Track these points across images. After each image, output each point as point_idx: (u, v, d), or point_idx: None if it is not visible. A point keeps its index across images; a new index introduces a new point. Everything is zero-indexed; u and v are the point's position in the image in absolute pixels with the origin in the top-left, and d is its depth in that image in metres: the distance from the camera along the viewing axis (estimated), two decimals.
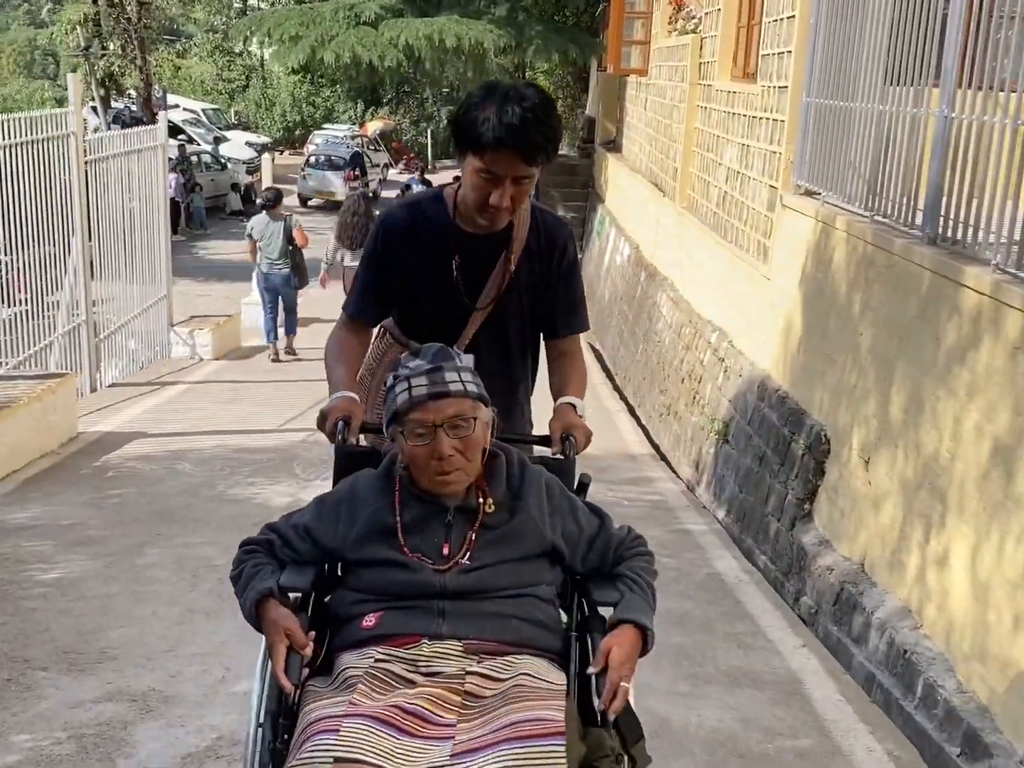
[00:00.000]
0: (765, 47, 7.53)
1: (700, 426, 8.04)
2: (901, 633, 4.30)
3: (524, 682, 1.98)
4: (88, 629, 3.93)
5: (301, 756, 1.81)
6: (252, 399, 8.81)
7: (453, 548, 2.15)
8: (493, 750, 1.80)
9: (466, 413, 2.13)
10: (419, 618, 2.09)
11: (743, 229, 7.88)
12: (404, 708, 1.91)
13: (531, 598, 2.18)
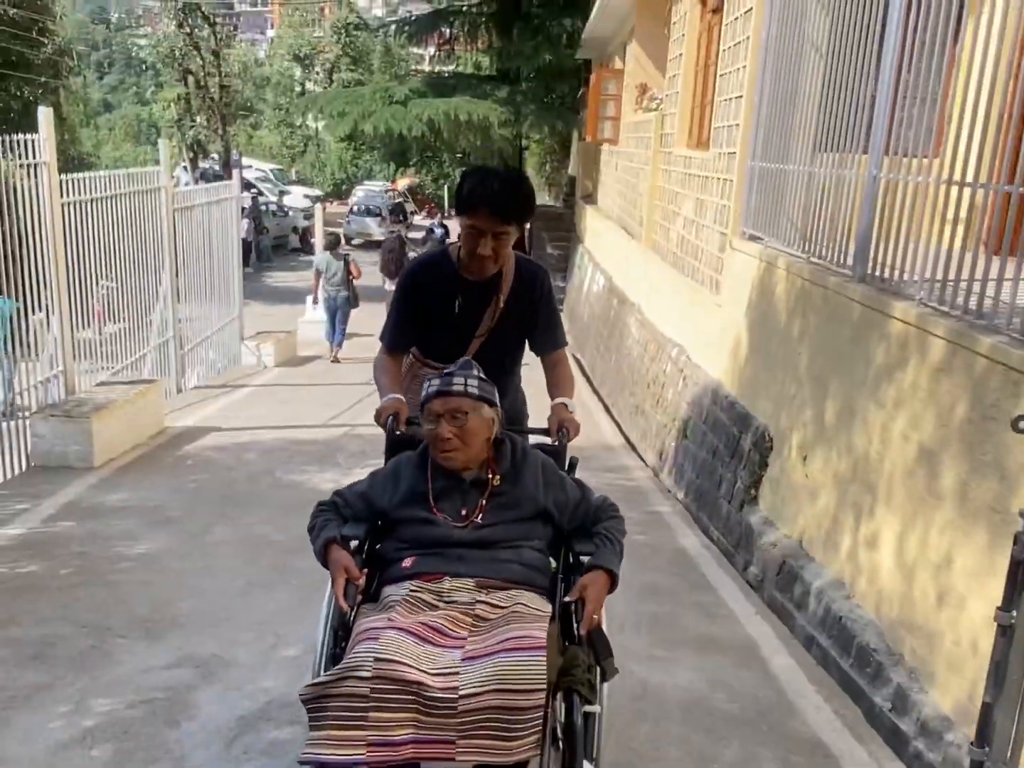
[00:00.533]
0: (717, 121, 7.22)
1: (663, 424, 7.74)
2: (836, 602, 4.01)
3: (519, 610, 2.12)
4: (163, 600, 3.64)
5: (350, 657, 1.95)
6: (305, 399, 8.50)
7: (469, 511, 2.31)
8: (491, 658, 1.94)
9: (463, 408, 2.28)
10: (443, 561, 2.24)
11: (698, 266, 7.57)
12: (429, 625, 2.05)
13: (527, 548, 2.31)
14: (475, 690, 1.88)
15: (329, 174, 41.64)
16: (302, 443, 6.57)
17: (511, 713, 1.87)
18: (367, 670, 1.88)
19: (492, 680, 1.89)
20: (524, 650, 1.93)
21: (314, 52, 40.58)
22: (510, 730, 1.87)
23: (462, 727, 1.87)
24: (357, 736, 1.85)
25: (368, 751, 1.85)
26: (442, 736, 1.88)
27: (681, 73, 9.00)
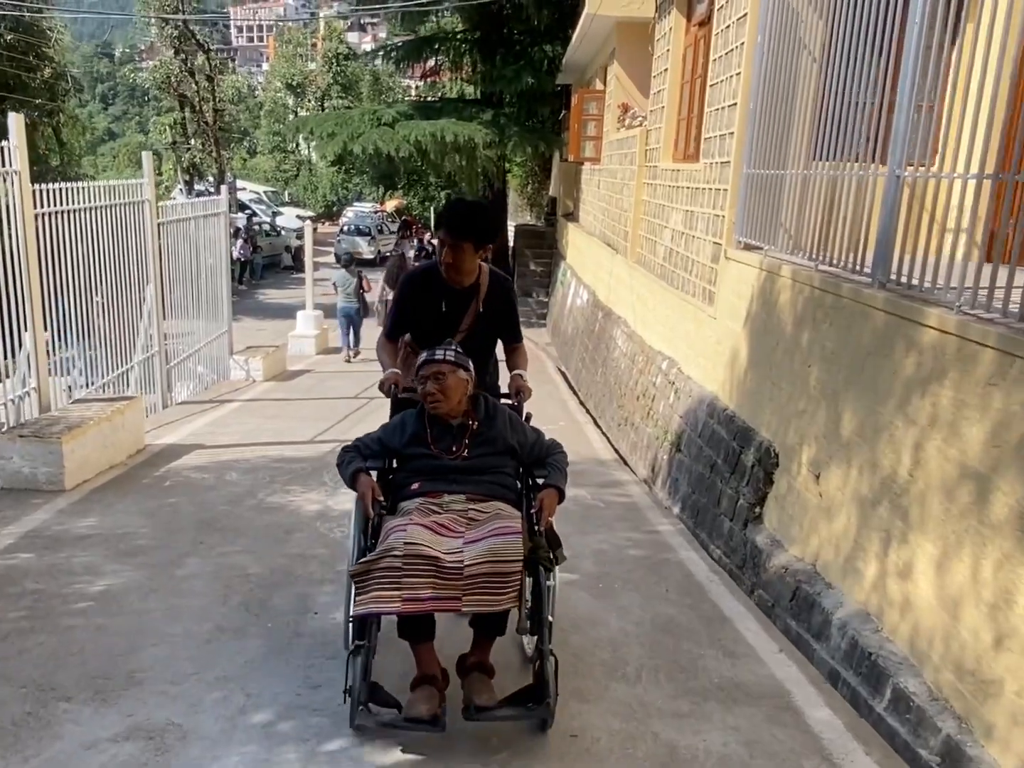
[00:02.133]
0: (708, 131, 6.70)
1: (655, 436, 7.17)
2: (864, 636, 3.44)
3: (499, 512, 2.73)
4: (119, 650, 3.01)
5: (386, 542, 2.55)
6: (292, 414, 7.85)
7: (458, 447, 2.89)
8: (485, 540, 2.56)
9: (442, 371, 2.88)
10: (441, 483, 2.83)
11: (689, 278, 7.04)
12: (438, 522, 2.65)
13: (501, 474, 2.93)
14: (474, 562, 2.48)
15: (320, 196, 40.99)
16: (288, 461, 5.94)
17: (499, 577, 2.47)
18: (399, 550, 2.47)
19: (486, 554, 2.50)
20: (507, 535, 2.56)
21: (306, 81, 39.96)
22: (498, 589, 2.46)
23: (466, 587, 2.46)
24: (394, 594, 2.44)
25: (403, 604, 2.44)
26: (452, 594, 2.46)
27: (667, 88, 8.48)
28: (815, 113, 4.75)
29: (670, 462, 6.56)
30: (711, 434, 5.77)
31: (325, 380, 9.99)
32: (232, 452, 6.12)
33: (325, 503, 4.93)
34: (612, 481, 6.07)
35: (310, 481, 5.43)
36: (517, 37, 17.88)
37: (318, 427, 7.19)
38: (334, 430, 7.12)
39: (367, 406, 8.46)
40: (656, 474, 6.85)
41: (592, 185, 14.52)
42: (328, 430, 7.08)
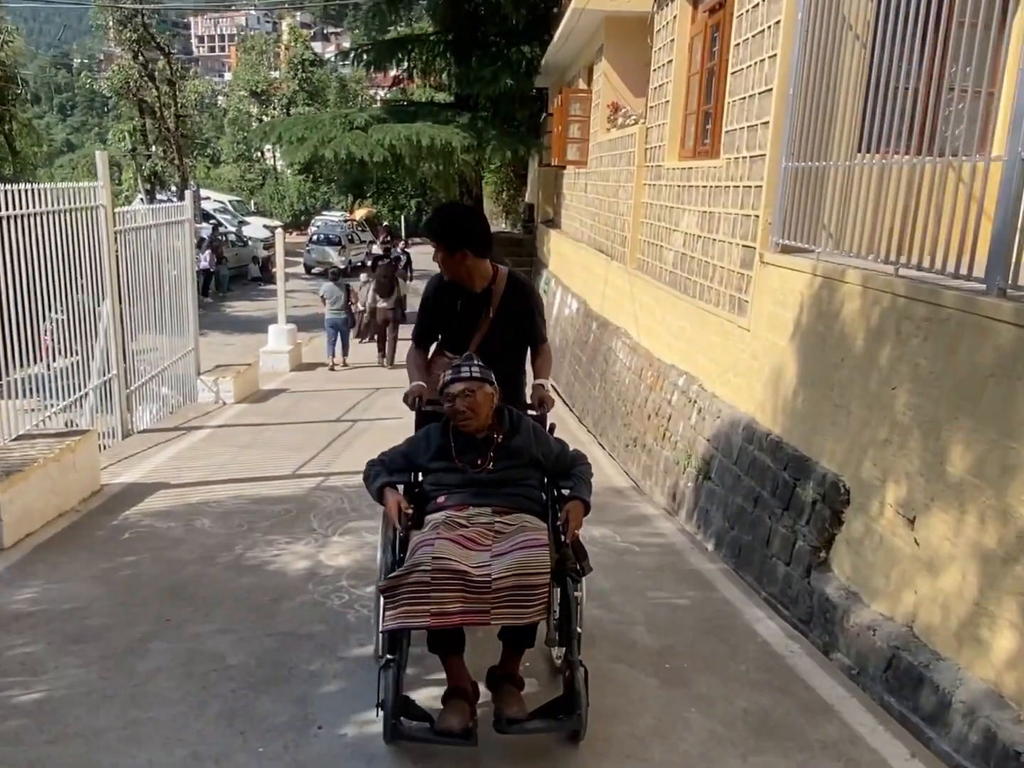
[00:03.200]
0: (730, 123, 6.04)
1: (674, 461, 6.48)
2: (1004, 728, 2.76)
3: (524, 524, 2.75)
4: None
5: (414, 556, 2.58)
6: (269, 443, 7.03)
7: (482, 460, 2.90)
8: (512, 553, 2.58)
9: (471, 388, 2.90)
10: (467, 497, 2.86)
11: (709, 286, 6.36)
12: (465, 536, 2.67)
13: (526, 486, 2.95)
14: (502, 575, 2.52)
15: (288, 205, 39.89)
16: (267, 502, 5.14)
17: (527, 590, 2.50)
18: (427, 565, 2.51)
19: (514, 567, 2.53)
20: (534, 547, 2.60)
21: (271, 88, 38.90)
22: (527, 602, 2.51)
23: (494, 601, 2.50)
24: (423, 609, 2.48)
25: (431, 618, 2.49)
26: (480, 608, 2.50)
27: (671, 80, 7.83)
28: (883, 96, 4.09)
29: (697, 491, 5.87)
30: (752, 462, 5.08)
31: (302, 400, 9.17)
32: (202, 492, 5.31)
33: (316, 557, 4.15)
34: (637, 516, 5.36)
35: (296, 528, 4.64)
36: (493, 39, 17.19)
37: (299, 457, 6.39)
38: (317, 460, 6.33)
39: (350, 430, 7.67)
40: (679, 503, 6.15)
41: (577, 189, 13.86)
42: (310, 461, 6.28)
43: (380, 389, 10.13)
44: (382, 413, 8.58)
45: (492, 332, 3.31)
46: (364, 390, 10.00)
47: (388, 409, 8.80)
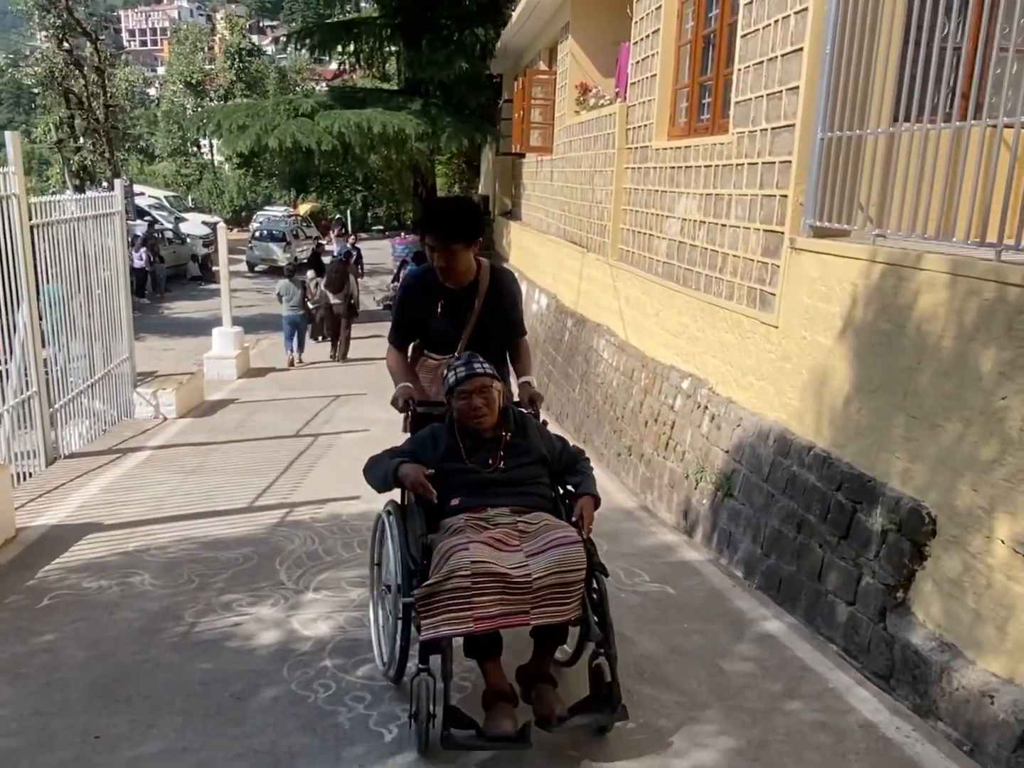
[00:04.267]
0: (741, 92, 5.33)
1: (683, 474, 5.77)
2: None
3: (546, 522, 2.72)
4: None
5: (448, 563, 2.49)
6: (218, 466, 6.11)
7: (493, 459, 2.83)
8: (548, 552, 2.56)
9: (487, 384, 2.84)
10: (483, 498, 2.77)
11: (717, 277, 5.66)
12: (494, 537, 2.61)
13: (539, 484, 2.89)
14: (542, 574, 2.50)
15: (227, 201, 38.23)
16: (221, 546, 4.26)
17: (565, 588, 2.52)
18: (467, 570, 2.45)
19: (553, 566, 2.52)
20: (569, 544, 2.58)
21: (206, 78, 37.18)
22: (565, 599, 2.53)
23: (534, 600, 2.50)
24: (466, 615, 2.45)
25: (475, 623, 2.46)
26: (521, 608, 2.49)
27: (658, 52, 7.11)
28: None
29: (715, 509, 5.17)
30: (790, 479, 4.39)
31: (255, 413, 8.22)
32: (141, 535, 4.41)
33: (287, 624, 3.31)
34: (659, 546, 4.62)
35: (259, 581, 3.78)
36: (444, 21, 16.30)
37: (256, 483, 5.51)
38: (277, 487, 5.45)
39: (312, 447, 6.78)
40: (693, 522, 5.44)
41: (541, 178, 13.10)
42: (270, 488, 5.40)
43: (339, 397, 9.23)
44: (346, 424, 7.70)
45: (479, 328, 3.22)
46: (322, 398, 9.09)
47: (352, 420, 7.93)
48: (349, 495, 5.23)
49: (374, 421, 7.81)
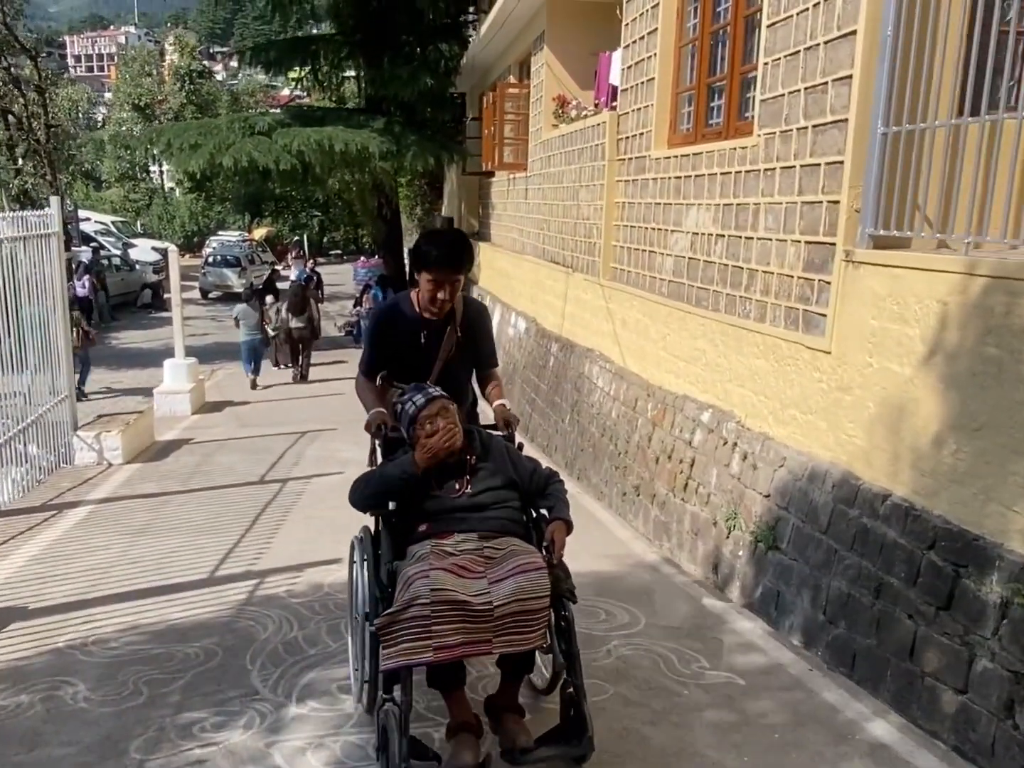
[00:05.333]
0: (770, 89, 4.71)
1: (710, 519, 5.07)
2: None
3: (514, 548, 2.64)
4: None
5: (409, 590, 2.43)
6: (172, 523, 5.23)
7: (460, 484, 2.79)
8: (511, 579, 2.49)
9: (447, 405, 2.83)
10: (450, 523, 2.72)
11: (743, 296, 5.02)
12: (457, 564, 2.55)
13: (508, 508, 2.82)
14: (503, 602, 2.42)
15: (178, 226, 36.87)
16: (176, 635, 3.40)
17: (528, 615, 2.45)
18: (426, 598, 2.39)
19: (515, 593, 2.44)
20: (533, 571, 2.51)
21: (155, 102, 35.94)
22: (529, 627, 2.45)
23: (496, 629, 2.42)
24: (425, 644, 2.37)
25: (434, 653, 2.38)
26: (483, 637, 2.42)
27: (656, 54, 6.49)
28: None
29: (757, 563, 4.46)
30: (860, 533, 3.71)
31: (213, 454, 7.32)
32: (76, 622, 3.55)
33: (269, 760, 2.49)
34: (704, 614, 3.88)
35: (226, 690, 2.95)
36: (406, 38, 15.64)
37: (216, 545, 4.66)
38: (242, 550, 4.61)
39: (280, 495, 5.94)
40: (727, 577, 4.73)
41: (514, 197, 12.46)
42: (233, 551, 4.56)
43: (306, 433, 8.37)
44: (316, 466, 6.86)
45: (454, 357, 3.23)
46: (287, 435, 8.23)
47: (322, 461, 7.09)
48: (328, 557, 4.43)
49: (347, 462, 6.98)
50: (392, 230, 18.24)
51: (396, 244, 18.53)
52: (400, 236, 19.14)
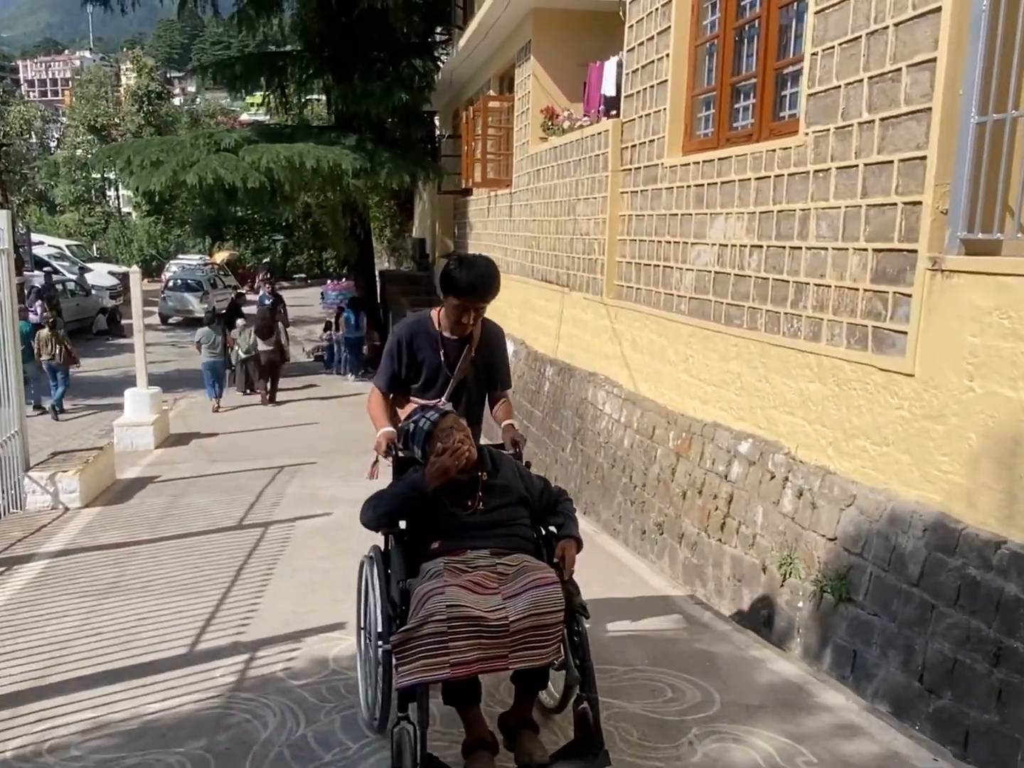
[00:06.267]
0: (820, 82, 4.21)
1: (756, 564, 4.49)
2: None
3: (526, 564, 2.65)
4: None
5: (425, 607, 2.44)
6: (141, 580, 4.48)
7: (472, 501, 2.79)
8: (525, 594, 2.49)
9: (459, 420, 2.91)
10: (463, 540, 2.72)
11: (791, 313, 4.48)
12: (471, 580, 2.56)
13: (519, 525, 2.84)
14: (519, 616, 2.44)
15: (136, 250, 35.61)
16: (155, 738, 2.69)
17: (543, 630, 2.46)
18: (443, 614, 2.39)
19: (530, 608, 2.46)
20: (546, 586, 2.52)
21: (111, 124, 34.83)
22: (544, 642, 2.46)
23: (512, 644, 2.43)
24: (442, 660, 2.38)
25: (451, 669, 2.39)
26: (499, 653, 2.43)
27: (669, 54, 6.00)
28: None
29: (823, 617, 3.89)
30: (966, 586, 3.16)
31: (183, 495, 6.56)
32: (28, 721, 2.82)
33: None
34: (783, 685, 3.28)
35: None
36: (377, 53, 15.09)
37: (195, 610, 3.94)
38: (226, 614, 3.89)
39: (263, 543, 5.23)
40: (784, 631, 4.15)
41: (496, 215, 11.92)
42: (216, 615, 3.84)
43: (283, 468, 7.65)
44: (299, 507, 6.15)
45: (469, 376, 3.32)
46: (263, 470, 7.50)
47: (306, 500, 6.39)
48: (328, 622, 3.75)
49: (333, 501, 6.30)
50: (364, 251, 17.57)
51: (368, 266, 17.86)
52: (372, 257, 18.50)
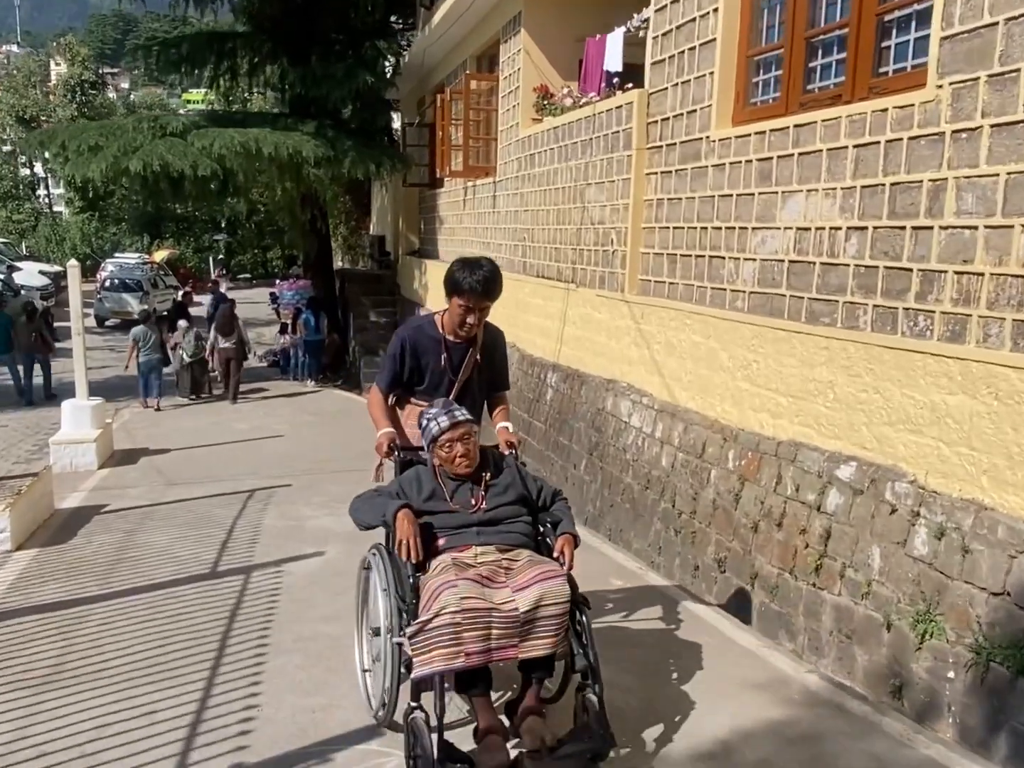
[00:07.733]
0: (964, 21, 3.36)
1: (876, 619, 3.62)
2: None
3: (531, 558, 2.78)
4: None
5: (438, 600, 2.55)
6: (94, 658, 3.36)
7: (475, 500, 2.91)
8: (533, 586, 2.63)
9: (469, 430, 2.96)
10: (467, 538, 2.83)
11: (917, 309, 3.63)
12: (480, 574, 2.67)
13: (520, 523, 2.94)
14: (528, 608, 2.59)
15: (69, 249, 33.38)
16: None
17: (551, 620, 2.61)
18: (456, 606, 2.52)
19: (539, 599, 2.60)
20: (554, 578, 2.67)
21: (42, 113, 32.62)
22: (551, 631, 2.62)
23: (522, 634, 2.59)
24: (457, 650, 2.52)
25: (466, 658, 2.53)
26: (510, 642, 2.58)
27: (719, 6, 5.12)
28: None
29: (988, 694, 3.04)
30: None
31: (138, 530, 5.40)
32: None
33: None
34: None
35: None
36: (335, 35, 13.95)
37: (171, 714, 2.87)
38: (218, 716, 2.84)
39: (247, 598, 4.15)
40: (923, 706, 3.29)
41: (475, 207, 10.93)
42: (204, 722, 2.79)
43: (254, 492, 6.53)
44: (283, 544, 5.07)
45: (472, 377, 3.37)
46: (232, 495, 6.37)
47: (290, 536, 5.32)
48: (358, 724, 2.75)
49: (323, 535, 5.25)
50: (322, 248, 16.38)
51: (326, 263, 16.67)
52: (330, 254, 17.29)
